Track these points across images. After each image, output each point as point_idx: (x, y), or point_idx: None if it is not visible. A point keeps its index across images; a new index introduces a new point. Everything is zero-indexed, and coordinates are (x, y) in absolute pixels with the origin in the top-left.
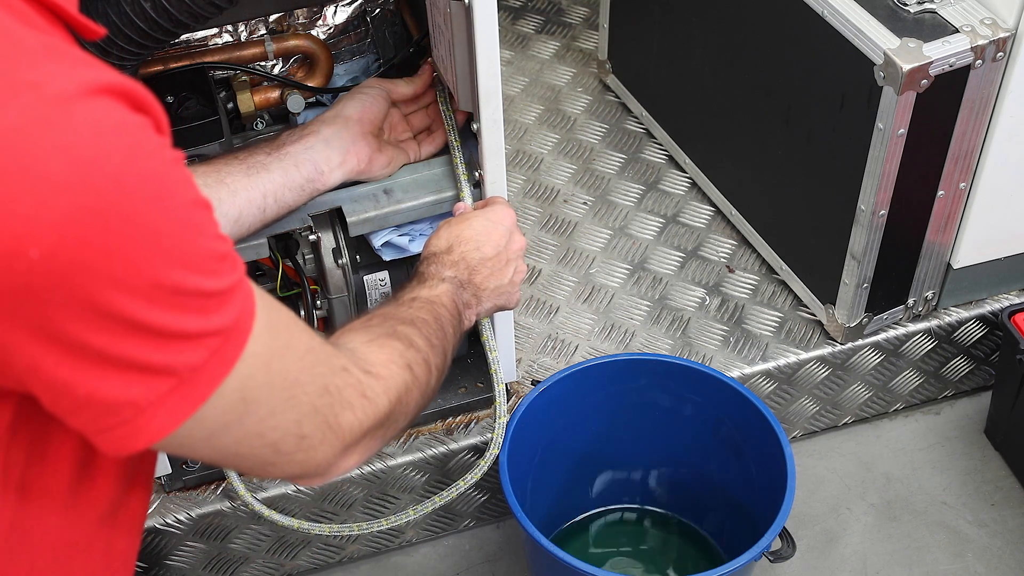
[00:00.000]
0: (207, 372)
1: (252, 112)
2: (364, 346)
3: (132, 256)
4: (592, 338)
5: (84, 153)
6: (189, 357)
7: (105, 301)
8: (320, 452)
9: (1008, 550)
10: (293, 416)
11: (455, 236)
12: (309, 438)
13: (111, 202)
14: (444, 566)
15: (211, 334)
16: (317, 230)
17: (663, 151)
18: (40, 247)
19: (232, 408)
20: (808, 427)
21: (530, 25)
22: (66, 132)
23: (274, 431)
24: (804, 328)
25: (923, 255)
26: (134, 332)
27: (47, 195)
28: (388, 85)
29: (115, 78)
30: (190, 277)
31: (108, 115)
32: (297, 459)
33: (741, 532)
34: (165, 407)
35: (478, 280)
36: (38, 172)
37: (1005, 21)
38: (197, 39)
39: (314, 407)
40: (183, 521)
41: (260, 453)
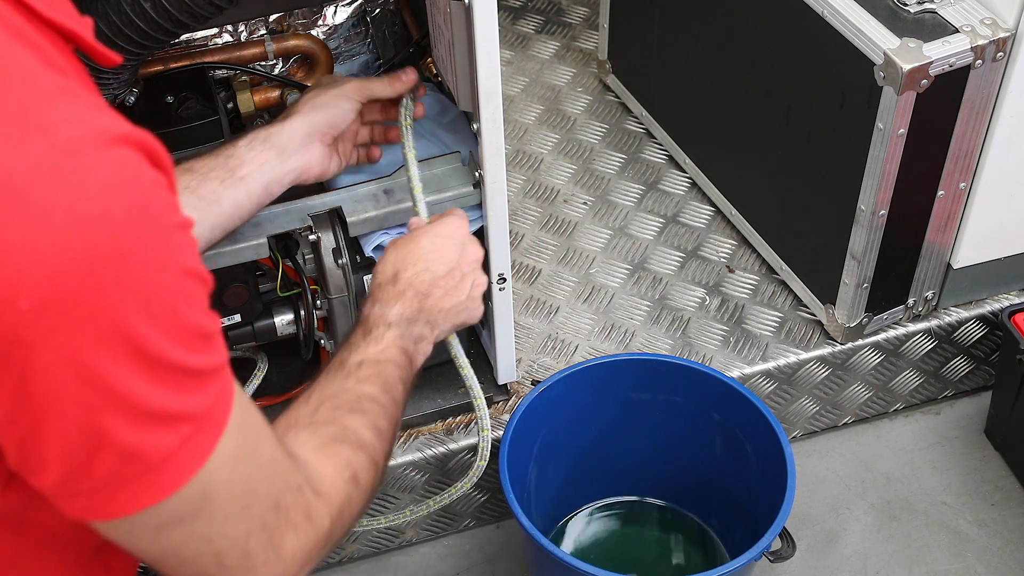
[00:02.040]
0: (176, 462)
1: (252, 112)
2: (315, 455)
3: (119, 317)
4: (592, 338)
5: (87, 209)
6: (161, 441)
7: (87, 363)
8: (259, 574)
9: (1008, 550)
10: (244, 527)
11: (401, 259)
12: (253, 556)
13: (108, 261)
14: (444, 566)
15: (186, 417)
16: (317, 230)
17: (663, 151)
18: (30, 299)
19: (191, 503)
20: (808, 427)
21: (530, 25)
22: (73, 184)
23: (223, 539)
24: (804, 328)
25: (923, 255)
26: (111, 401)
27: (44, 247)
28: (366, 89)
29: (132, 130)
30: (173, 348)
31: (120, 168)
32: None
33: (741, 532)
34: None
35: (431, 304)
36: (38, 223)
37: (1005, 21)
38: (197, 39)
39: (263, 522)
40: None
41: (203, 561)
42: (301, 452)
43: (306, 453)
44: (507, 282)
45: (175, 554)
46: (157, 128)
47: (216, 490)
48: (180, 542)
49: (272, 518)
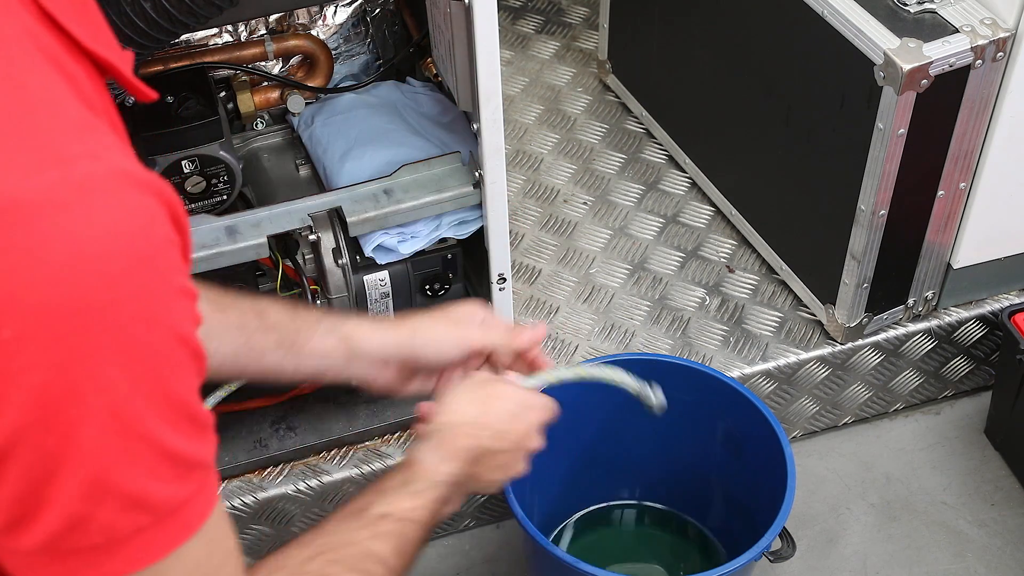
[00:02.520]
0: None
1: (252, 112)
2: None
3: (99, 371)
4: (592, 338)
5: (89, 248)
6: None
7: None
8: None
9: (1008, 550)
10: None
11: (482, 411)
12: None
13: (97, 307)
14: (444, 566)
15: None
16: (317, 230)
17: (663, 151)
18: (12, 330)
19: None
20: (808, 427)
21: (530, 25)
22: (80, 219)
23: None
24: (804, 328)
25: (923, 255)
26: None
27: (36, 280)
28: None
29: (154, 179)
30: (152, 420)
31: (132, 213)
32: None
33: (741, 532)
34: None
35: (478, 471)
36: (36, 254)
37: (1005, 21)
38: (197, 39)
39: None
40: None
41: None
42: None
43: None
44: (507, 282)
45: None
46: (157, 128)
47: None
48: None
49: None
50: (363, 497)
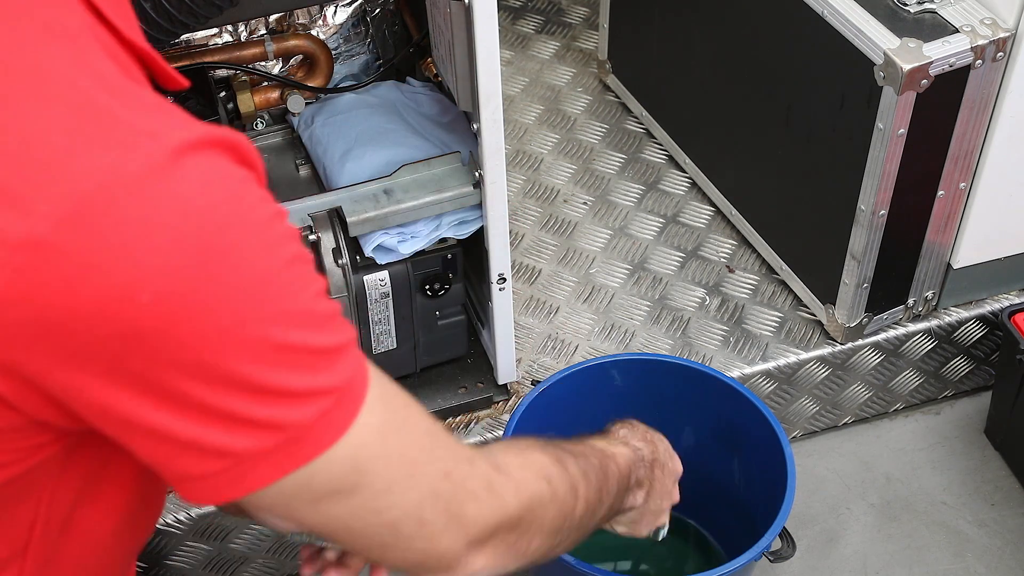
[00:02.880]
0: (316, 432)
1: (252, 112)
2: (501, 449)
3: (237, 306)
4: (592, 338)
5: (194, 204)
6: (297, 415)
7: (209, 352)
8: (443, 543)
9: (1008, 550)
10: (413, 497)
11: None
12: (430, 524)
13: (219, 252)
14: None
15: (320, 393)
16: (317, 230)
17: (663, 151)
18: (150, 293)
19: (343, 477)
20: (808, 427)
21: (530, 25)
22: (179, 182)
23: (391, 510)
24: (804, 328)
25: (923, 255)
26: (238, 387)
27: (161, 243)
28: None
29: (223, 132)
30: (296, 331)
31: (215, 167)
32: (417, 545)
33: (741, 532)
34: (268, 461)
35: (655, 474)
36: (154, 220)
37: (1005, 21)
38: (197, 39)
39: (435, 491)
40: (183, 521)
41: (377, 532)
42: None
43: (492, 448)
44: (507, 282)
45: (345, 528)
46: None
47: (369, 462)
48: (347, 516)
49: (445, 486)
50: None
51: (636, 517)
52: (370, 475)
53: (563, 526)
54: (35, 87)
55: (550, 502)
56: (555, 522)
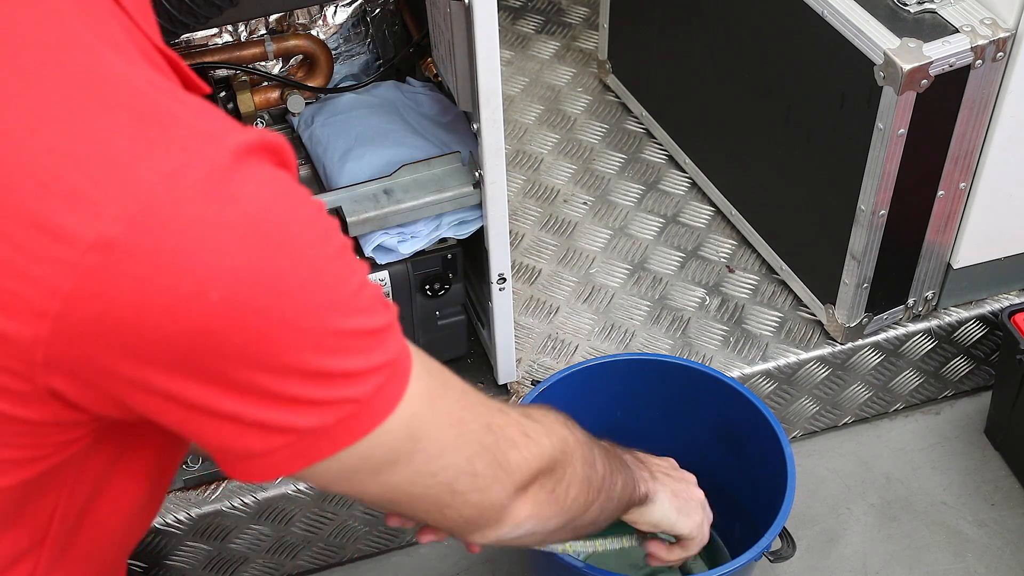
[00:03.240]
0: (372, 406)
1: (252, 112)
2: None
3: (301, 300)
4: (592, 338)
5: (255, 204)
6: (356, 392)
7: (275, 344)
8: (494, 491)
9: (1008, 550)
10: (464, 453)
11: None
12: (482, 476)
13: (280, 249)
14: (444, 566)
15: (375, 370)
16: None
17: (663, 151)
18: (219, 291)
19: (399, 445)
20: (808, 427)
21: (530, 25)
22: (241, 184)
23: (447, 470)
24: (804, 328)
25: (923, 255)
26: (302, 374)
27: (227, 242)
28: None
29: (265, 136)
30: (351, 318)
31: (265, 170)
32: (472, 499)
33: (741, 532)
34: (328, 436)
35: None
36: (219, 221)
37: (1005, 21)
38: (197, 39)
39: (481, 444)
40: (183, 521)
41: (435, 493)
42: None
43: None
44: (507, 282)
45: (405, 495)
46: None
47: (422, 428)
48: (406, 482)
49: (489, 438)
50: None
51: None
52: (424, 440)
53: (592, 476)
54: (96, 90)
55: (576, 446)
56: (584, 469)
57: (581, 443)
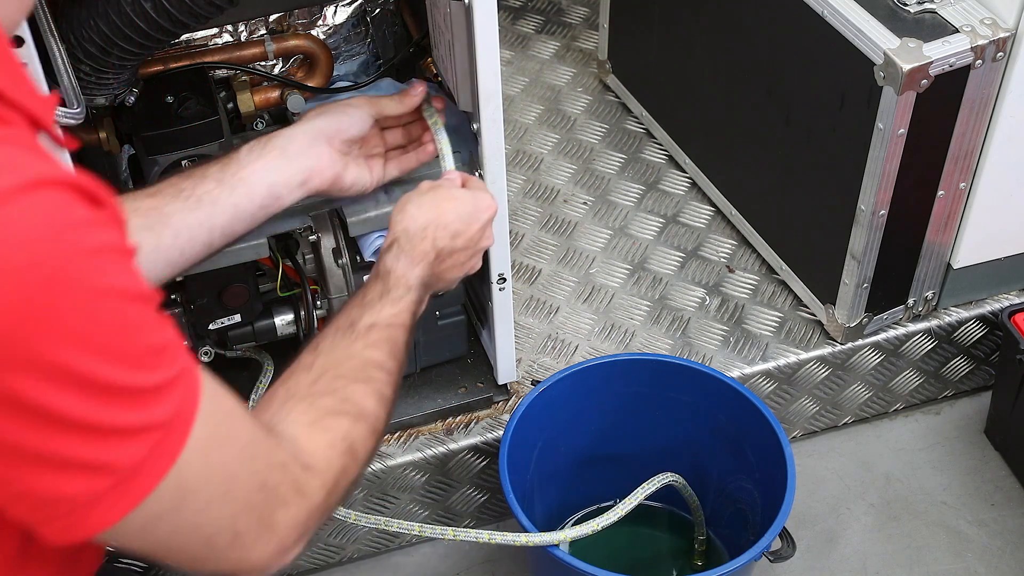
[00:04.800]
0: (147, 468)
1: (252, 112)
2: (306, 431)
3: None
4: (592, 338)
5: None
6: (128, 453)
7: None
8: (256, 551)
9: (1008, 550)
10: (228, 511)
11: (435, 216)
12: (243, 536)
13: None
14: (444, 566)
15: (150, 428)
16: (317, 230)
17: (663, 151)
18: None
19: (168, 499)
20: (808, 427)
21: (530, 25)
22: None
23: (209, 525)
24: (804, 328)
25: (923, 255)
26: (63, 426)
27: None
28: (375, 106)
29: (66, 174)
30: (125, 372)
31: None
32: (231, 556)
33: (741, 532)
34: (105, 503)
35: (442, 270)
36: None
37: (1005, 21)
38: (197, 39)
39: (249, 503)
40: None
41: (192, 547)
42: (290, 429)
43: (296, 430)
44: (507, 282)
45: (163, 546)
46: (157, 128)
47: (192, 482)
48: (167, 535)
49: (258, 498)
50: (347, 312)
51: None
52: (191, 493)
53: (364, 470)
54: None
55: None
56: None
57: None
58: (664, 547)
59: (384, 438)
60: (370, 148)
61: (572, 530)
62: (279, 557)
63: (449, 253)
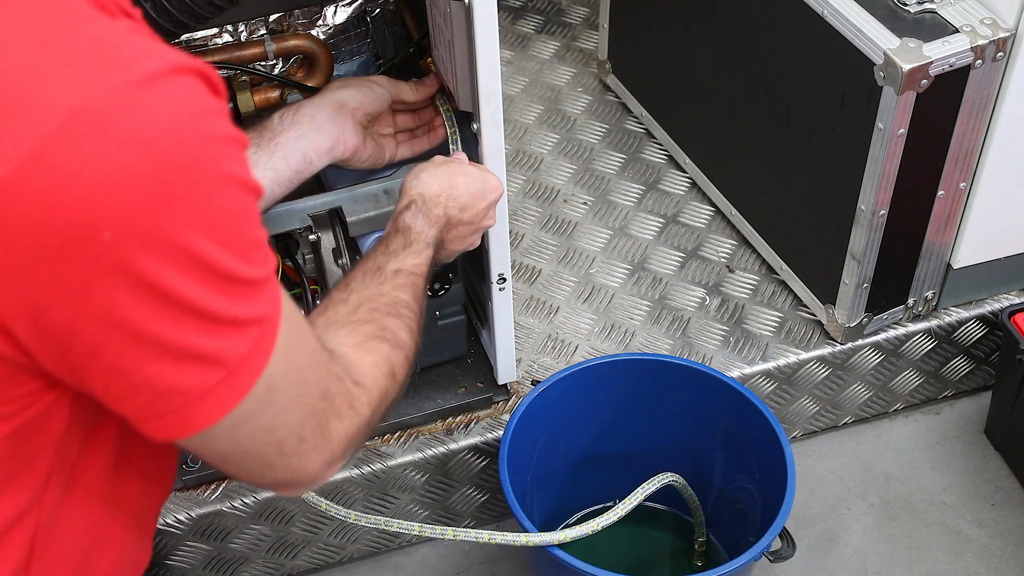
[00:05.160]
0: (250, 363)
1: (252, 112)
2: (353, 351)
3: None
4: (592, 338)
5: (160, 141)
6: (237, 346)
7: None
8: (311, 460)
9: (1008, 550)
10: (298, 415)
11: (449, 185)
12: (306, 442)
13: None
14: (444, 566)
15: (253, 322)
16: (317, 230)
17: (663, 151)
18: (113, 230)
19: (259, 398)
20: (808, 427)
21: (530, 25)
22: (146, 116)
23: (283, 427)
24: (804, 328)
25: (923, 255)
26: (187, 314)
27: (123, 180)
28: (395, 88)
29: (195, 61)
30: (238, 262)
31: (186, 97)
32: (292, 463)
33: (741, 532)
34: (213, 397)
35: (447, 239)
36: (117, 157)
37: (1005, 21)
38: (197, 39)
39: (314, 409)
40: (183, 521)
41: (265, 452)
42: (340, 348)
43: (345, 349)
44: (507, 282)
45: (242, 450)
46: None
47: (277, 381)
48: (248, 437)
49: (321, 405)
50: (372, 258)
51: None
52: (275, 394)
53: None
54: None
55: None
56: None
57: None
58: (664, 547)
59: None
60: (383, 127)
61: (572, 530)
62: (328, 468)
63: (455, 224)
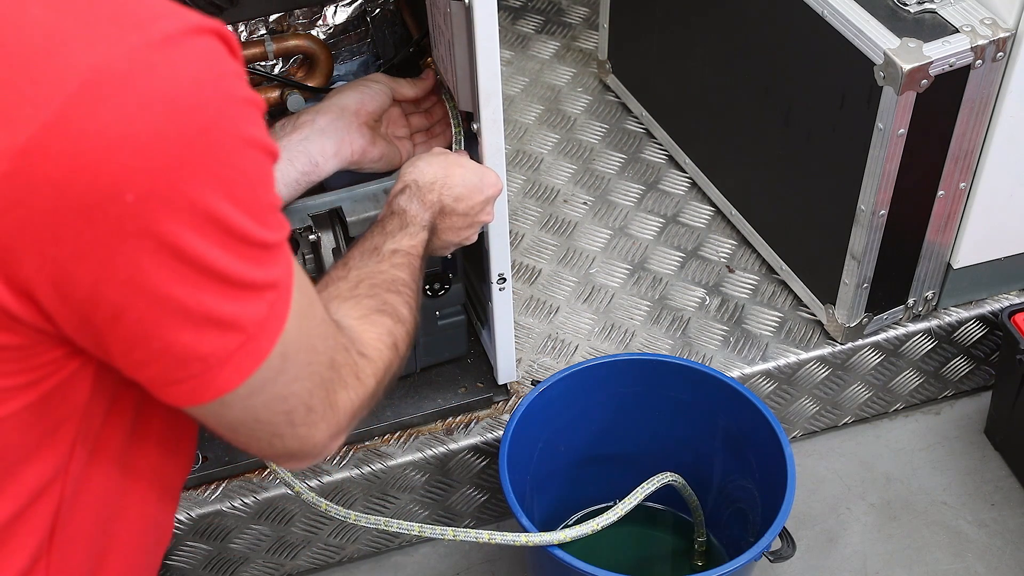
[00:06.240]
0: (267, 328)
1: None
2: (357, 323)
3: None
4: (592, 338)
5: (181, 101)
6: (254, 310)
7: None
8: (318, 430)
9: (1008, 550)
10: (308, 384)
11: (444, 174)
12: (314, 412)
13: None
14: (444, 566)
15: (269, 286)
16: (317, 230)
17: (663, 151)
18: (135, 191)
19: (274, 366)
20: (808, 427)
21: (530, 25)
22: (167, 76)
23: (293, 396)
24: (804, 328)
25: (923, 255)
26: (208, 278)
27: (144, 141)
28: (393, 83)
29: (212, 21)
30: (255, 226)
31: (207, 58)
32: (301, 433)
33: (741, 532)
34: (232, 363)
35: (441, 227)
36: (139, 117)
37: (1005, 21)
38: None
39: (322, 379)
40: (183, 521)
41: (276, 421)
42: (344, 320)
43: (349, 321)
44: (507, 282)
45: (254, 419)
46: None
47: (290, 349)
48: (262, 405)
49: (328, 375)
50: (369, 239)
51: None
52: (289, 361)
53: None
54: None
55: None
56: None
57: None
58: (664, 547)
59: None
60: (397, 130)
61: (572, 530)
62: (334, 439)
63: (449, 212)
